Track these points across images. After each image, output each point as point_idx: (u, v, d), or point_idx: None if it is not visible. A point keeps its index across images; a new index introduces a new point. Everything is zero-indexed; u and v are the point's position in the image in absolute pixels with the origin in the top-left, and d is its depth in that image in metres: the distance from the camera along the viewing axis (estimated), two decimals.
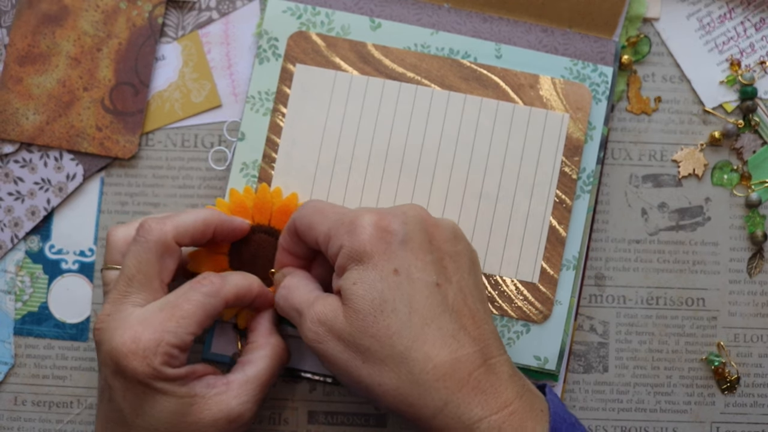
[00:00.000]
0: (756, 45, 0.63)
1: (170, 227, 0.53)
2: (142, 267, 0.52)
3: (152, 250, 0.52)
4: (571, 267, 0.59)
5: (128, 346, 0.50)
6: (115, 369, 0.50)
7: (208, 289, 0.52)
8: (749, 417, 0.62)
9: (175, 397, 0.50)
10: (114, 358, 0.50)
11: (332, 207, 0.53)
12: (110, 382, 0.51)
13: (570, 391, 0.62)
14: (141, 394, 0.50)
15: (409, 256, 0.50)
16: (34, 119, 0.61)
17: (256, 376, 0.53)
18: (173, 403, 0.50)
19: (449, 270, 0.51)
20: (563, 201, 0.59)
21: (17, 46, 0.61)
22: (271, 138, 0.60)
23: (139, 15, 0.61)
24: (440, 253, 0.51)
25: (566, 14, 0.61)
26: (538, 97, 0.60)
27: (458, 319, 0.50)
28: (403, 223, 0.50)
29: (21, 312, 0.61)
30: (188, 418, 0.51)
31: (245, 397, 0.52)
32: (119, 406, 0.51)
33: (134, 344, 0.50)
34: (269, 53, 0.60)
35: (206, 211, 0.55)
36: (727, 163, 0.63)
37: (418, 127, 0.60)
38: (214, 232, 0.55)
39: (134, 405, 0.50)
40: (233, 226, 0.56)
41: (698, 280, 0.62)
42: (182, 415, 0.51)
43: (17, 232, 0.61)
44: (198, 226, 0.54)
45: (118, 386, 0.51)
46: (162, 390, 0.50)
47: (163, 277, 0.53)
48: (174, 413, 0.50)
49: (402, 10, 0.61)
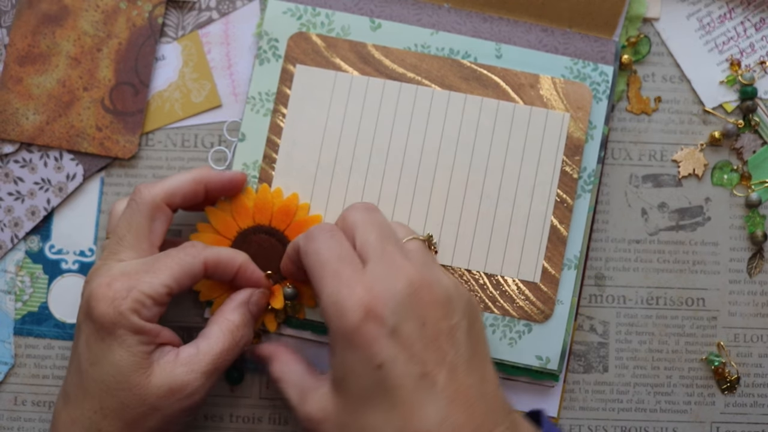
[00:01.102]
0: (756, 45, 0.63)
1: (159, 189, 0.55)
2: (132, 228, 0.54)
3: (142, 213, 0.54)
4: (573, 266, 0.59)
5: (102, 290, 0.51)
6: (87, 311, 0.52)
7: (189, 250, 0.54)
8: (749, 417, 0.62)
9: (130, 353, 0.51)
10: (87, 300, 0.51)
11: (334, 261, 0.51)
12: (81, 327, 0.52)
13: (570, 391, 0.62)
14: (101, 342, 0.51)
15: (396, 349, 0.48)
16: (34, 119, 0.61)
17: (206, 350, 0.53)
18: (127, 358, 0.51)
19: (443, 349, 0.49)
20: (564, 200, 0.59)
21: (17, 46, 0.61)
22: (272, 139, 0.60)
23: (139, 15, 0.61)
24: (434, 334, 0.49)
25: (566, 14, 0.61)
26: (539, 96, 0.60)
27: (446, 405, 0.48)
28: (394, 311, 0.48)
29: (21, 312, 0.61)
30: (134, 378, 0.51)
31: (191, 368, 0.52)
32: (80, 353, 0.52)
33: (107, 288, 0.51)
34: (269, 54, 0.60)
35: (196, 170, 0.57)
36: (727, 163, 0.63)
37: (418, 127, 0.60)
38: (205, 188, 0.56)
39: (93, 351, 0.51)
40: (225, 179, 0.57)
41: (698, 280, 0.62)
42: (130, 374, 0.51)
43: (17, 232, 0.61)
44: (188, 185, 0.56)
45: (85, 330, 0.52)
46: (121, 340, 0.51)
47: (153, 240, 0.55)
48: (124, 369, 0.51)
49: (402, 11, 0.61)
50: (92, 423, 0.51)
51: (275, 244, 0.58)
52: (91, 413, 0.51)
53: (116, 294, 0.51)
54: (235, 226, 0.58)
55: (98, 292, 0.51)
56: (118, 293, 0.51)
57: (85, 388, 0.51)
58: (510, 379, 0.60)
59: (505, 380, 0.60)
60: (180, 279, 0.53)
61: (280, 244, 0.58)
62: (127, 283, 0.51)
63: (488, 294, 0.59)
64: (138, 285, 0.51)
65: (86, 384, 0.51)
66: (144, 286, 0.51)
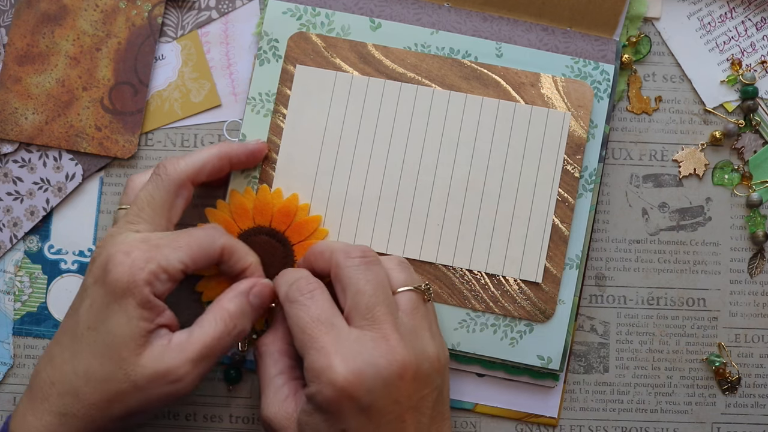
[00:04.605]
0: (757, 44, 0.63)
1: (185, 165, 0.55)
2: (153, 201, 0.54)
3: (165, 188, 0.54)
4: (574, 266, 0.59)
5: (120, 257, 0.51)
6: (100, 275, 0.51)
7: (210, 231, 0.54)
8: (750, 417, 0.62)
9: (131, 325, 0.51)
10: (104, 264, 0.51)
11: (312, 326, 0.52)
12: (87, 290, 0.52)
13: (570, 391, 0.62)
14: (105, 308, 0.51)
15: (362, 422, 0.50)
16: (33, 119, 0.61)
17: (197, 338, 0.52)
18: (126, 329, 0.51)
19: (407, 422, 0.51)
20: (566, 199, 0.59)
21: (16, 45, 0.61)
22: (272, 139, 0.60)
23: (139, 14, 0.61)
24: (402, 410, 0.51)
25: (567, 13, 0.61)
26: (540, 95, 0.60)
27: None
28: (370, 391, 0.50)
29: (20, 312, 0.61)
30: (125, 352, 0.51)
31: (180, 354, 0.51)
32: (80, 316, 0.52)
33: (126, 255, 0.51)
34: (269, 54, 0.60)
35: (218, 145, 0.57)
36: (728, 162, 0.63)
37: (419, 127, 0.60)
38: (230, 162, 0.57)
39: (94, 316, 0.51)
40: (249, 150, 0.58)
41: (699, 281, 0.62)
42: (123, 346, 0.50)
43: (16, 232, 0.61)
44: (214, 160, 0.56)
45: (92, 294, 0.51)
46: (126, 310, 0.50)
47: (171, 216, 0.55)
48: (119, 339, 0.50)
49: (402, 10, 0.61)
50: (72, 386, 0.51)
51: (276, 245, 0.58)
52: (73, 376, 0.51)
53: (134, 262, 0.51)
54: (235, 227, 0.58)
55: (117, 258, 0.51)
56: (137, 262, 0.51)
57: (74, 351, 0.51)
58: (510, 379, 0.60)
59: (505, 380, 0.60)
60: (197, 258, 0.53)
61: (280, 245, 0.58)
62: (147, 253, 0.51)
63: (490, 294, 0.59)
64: (157, 257, 0.51)
65: (77, 347, 0.51)
66: (162, 259, 0.51)
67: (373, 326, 0.51)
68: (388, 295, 0.53)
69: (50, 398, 0.51)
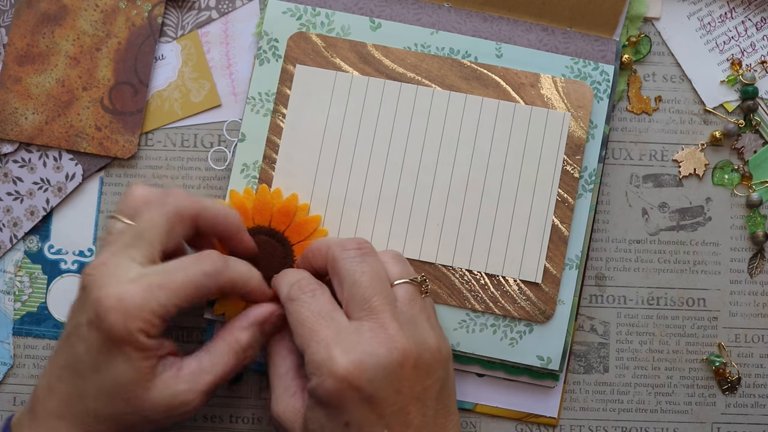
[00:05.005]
0: (757, 44, 0.63)
1: (196, 204, 0.53)
2: (154, 227, 0.52)
3: (170, 216, 0.52)
4: (574, 266, 0.59)
5: (113, 302, 0.49)
6: (93, 319, 0.50)
7: (208, 268, 0.52)
8: (750, 418, 0.62)
9: (134, 368, 0.50)
10: (96, 308, 0.49)
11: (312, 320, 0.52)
12: (81, 331, 0.50)
13: (570, 391, 0.62)
14: (106, 352, 0.50)
15: (365, 413, 0.50)
16: (33, 119, 0.61)
17: (209, 369, 0.52)
18: (130, 371, 0.50)
19: (411, 414, 0.50)
20: (565, 200, 0.59)
21: (16, 45, 0.61)
22: (272, 139, 0.60)
23: (139, 14, 0.61)
24: (405, 401, 0.50)
25: (567, 13, 0.61)
26: (539, 96, 0.60)
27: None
28: (372, 380, 0.49)
29: (20, 312, 0.61)
30: (135, 391, 0.50)
31: (192, 386, 0.51)
32: (80, 356, 0.50)
33: (119, 302, 0.49)
34: (269, 54, 0.60)
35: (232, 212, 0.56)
36: (728, 162, 0.63)
37: (418, 127, 0.60)
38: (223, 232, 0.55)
39: (96, 360, 0.50)
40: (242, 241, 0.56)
41: (699, 281, 0.62)
42: (132, 386, 0.50)
43: (16, 232, 0.61)
44: (219, 219, 0.54)
45: (89, 337, 0.50)
46: (127, 356, 0.50)
47: (168, 246, 0.53)
48: (126, 381, 0.50)
49: (402, 10, 0.61)
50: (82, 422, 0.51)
51: (275, 245, 0.58)
52: (84, 414, 0.50)
53: (127, 311, 0.49)
54: None
55: (108, 304, 0.49)
56: (130, 311, 0.49)
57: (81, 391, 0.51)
58: (510, 379, 0.60)
59: (505, 380, 0.60)
60: (193, 299, 0.51)
61: (279, 245, 0.58)
62: (140, 298, 0.49)
63: (489, 294, 0.59)
64: (149, 303, 0.49)
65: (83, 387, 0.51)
66: (156, 306, 0.50)
67: (371, 316, 0.51)
68: (385, 285, 0.52)
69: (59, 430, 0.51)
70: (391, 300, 0.52)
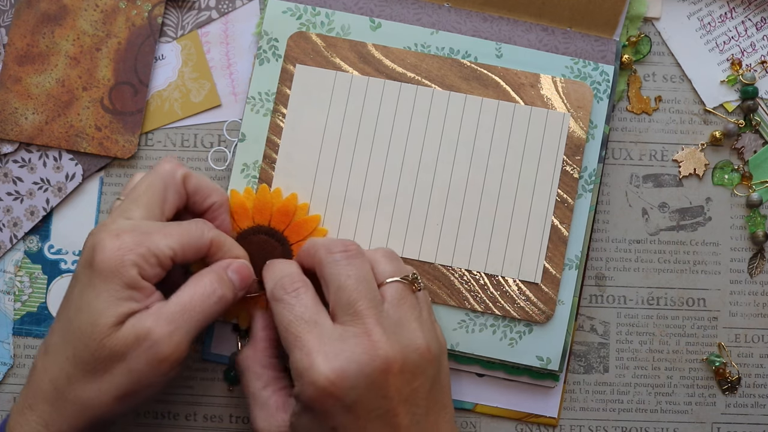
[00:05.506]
0: (757, 44, 0.63)
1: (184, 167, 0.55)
2: (149, 190, 0.54)
3: (163, 180, 0.54)
4: (574, 266, 0.59)
5: (109, 239, 0.51)
6: (88, 258, 0.51)
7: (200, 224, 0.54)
8: (750, 418, 0.62)
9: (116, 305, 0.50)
10: (92, 247, 0.51)
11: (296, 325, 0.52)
12: (78, 277, 0.52)
13: (570, 391, 0.62)
14: (92, 289, 0.50)
15: (349, 419, 0.50)
16: (33, 119, 0.61)
17: (173, 300, 0.52)
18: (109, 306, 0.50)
19: (399, 416, 0.50)
20: (565, 200, 0.59)
21: (16, 45, 0.61)
22: (272, 139, 0.60)
23: (139, 14, 0.61)
24: (392, 404, 0.50)
25: (567, 13, 0.61)
26: (539, 96, 0.60)
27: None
28: (354, 387, 0.49)
29: (20, 312, 0.61)
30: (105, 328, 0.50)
31: (157, 315, 0.51)
32: (71, 301, 0.51)
33: (115, 238, 0.51)
34: (269, 54, 0.60)
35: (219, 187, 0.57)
36: (728, 162, 0.63)
37: (418, 127, 0.60)
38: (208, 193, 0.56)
39: (82, 299, 0.51)
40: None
41: (699, 281, 0.62)
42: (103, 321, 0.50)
43: (16, 232, 0.61)
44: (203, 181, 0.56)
45: (82, 279, 0.51)
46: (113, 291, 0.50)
47: (165, 209, 0.54)
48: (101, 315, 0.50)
49: (402, 10, 0.61)
50: (62, 370, 0.51)
51: (275, 245, 0.58)
52: (63, 360, 0.51)
53: (123, 244, 0.50)
54: (234, 226, 0.58)
55: (105, 242, 0.51)
56: (125, 244, 0.50)
57: (65, 337, 0.51)
58: (510, 379, 0.60)
59: (505, 380, 0.61)
60: (186, 247, 0.53)
61: (279, 244, 0.58)
62: (136, 237, 0.51)
63: (489, 294, 0.59)
64: (146, 241, 0.51)
65: (68, 333, 0.51)
66: (152, 244, 0.51)
67: (355, 321, 0.51)
68: (371, 288, 0.52)
69: (42, 386, 0.51)
70: (377, 303, 0.52)
